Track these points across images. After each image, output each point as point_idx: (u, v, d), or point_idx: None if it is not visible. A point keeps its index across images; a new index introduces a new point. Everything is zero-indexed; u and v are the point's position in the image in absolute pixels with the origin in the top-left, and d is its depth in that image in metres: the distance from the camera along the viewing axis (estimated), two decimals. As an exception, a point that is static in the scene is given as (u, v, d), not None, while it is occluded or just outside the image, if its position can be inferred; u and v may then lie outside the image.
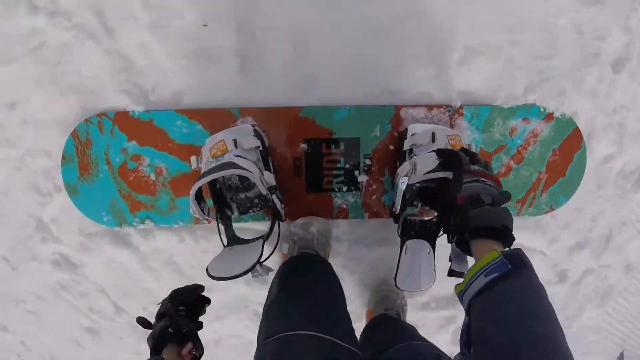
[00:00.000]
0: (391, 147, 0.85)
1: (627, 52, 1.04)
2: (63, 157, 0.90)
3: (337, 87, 0.87)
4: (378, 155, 0.88)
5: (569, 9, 0.95)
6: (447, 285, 1.13)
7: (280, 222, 0.79)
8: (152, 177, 0.91)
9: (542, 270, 1.20)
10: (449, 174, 0.65)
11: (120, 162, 0.90)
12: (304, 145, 0.85)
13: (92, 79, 0.88)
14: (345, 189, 0.90)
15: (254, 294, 1.14)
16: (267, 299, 0.70)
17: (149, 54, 0.86)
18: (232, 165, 0.67)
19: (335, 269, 0.85)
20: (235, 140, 0.74)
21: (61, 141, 0.93)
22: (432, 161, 0.66)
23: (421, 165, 0.67)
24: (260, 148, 0.77)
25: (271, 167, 0.82)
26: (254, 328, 1.14)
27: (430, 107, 0.86)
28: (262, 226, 0.97)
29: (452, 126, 0.86)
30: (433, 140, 0.73)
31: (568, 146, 0.98)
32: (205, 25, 0.82)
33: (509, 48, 0.93)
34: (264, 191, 0.71)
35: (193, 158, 0.80)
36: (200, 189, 0.71)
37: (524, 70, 0.94)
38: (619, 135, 1.10)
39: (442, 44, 0.87)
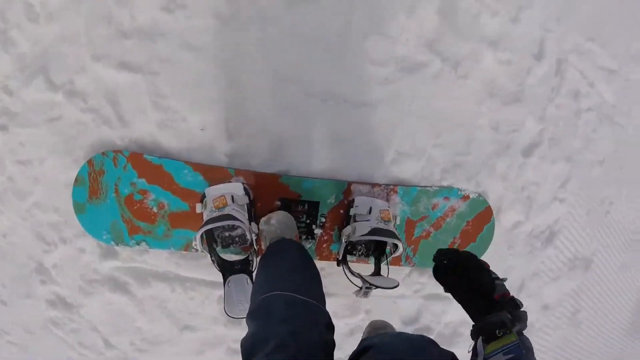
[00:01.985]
0: (341, 211, 1.26)
1: (539, 138, 1.41)
2: (76, 180, 1.17)
3: (307, 161, 1.25)
4: (331, 216, 1.28)
5: (491, 109, 1.32)
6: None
7: (257, 257, 1.14)
8: (155, 209, 1.21)
9: (461, 313, 1.45)
10: (378, 238, 1.04)
11: (127, 193, 1.18)
12: (278, 202, 1.24)
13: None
14: (304, 237, 1.29)
15: (230, 333, 1.45)
16: (254, 280, 0.99)
17: (159, 142, 1.19)
18: (232, 217, 1.02)
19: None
20: (232, 197, 1.10)
21: (69, 203, 1.20)
22: (366, 228, 1.06)
23: (358, 230, 1.08)
24: (248, 203, 1.14)
25: (253, 217, 1.18)
26: None
27: (373, 185, 1.26)
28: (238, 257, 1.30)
29: (388, 200, 1.25)
30: (369, 212, 1.14)
31: (480, 219, 1.37)
32: (203, 130, 1.18)
33: (432, 149, 1.30)
34: (249, 237, 1.06)
35: (198, 205, 1.13)
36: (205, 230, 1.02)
37: (442, 164, 1.32)
38: (527, 206, 1.48)
39: (380, 149, 1.27)
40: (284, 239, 1.08)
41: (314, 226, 1.28)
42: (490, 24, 1.27)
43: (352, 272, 1.14)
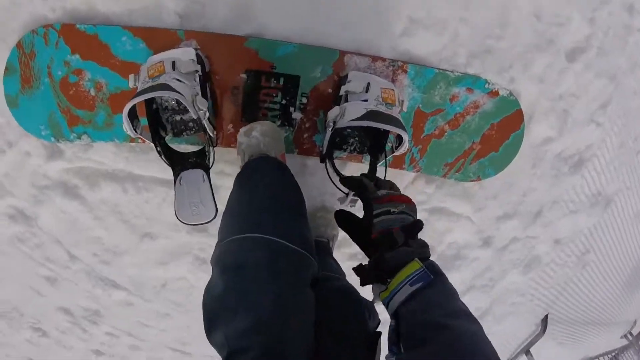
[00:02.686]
0: (329, 90, 0.94)
1: (587, 44, 1.17)
2: (6, 69, 0.94)
3: (286, 22, 0.93)
4: (315, 96, 0.98)
5: None
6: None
7: (213, 147, 0.89)
8: (92, 92, 0.97)
9: (468, 234, 1.40)
10: (374, 124, 0.76)
11: (62, 76, 0.95)
12: (243, 76, 0.93)
13: None
14: (279, 123, 1.00)
15: (194, 241, 1.30)
16: (226, 204, 0.79)
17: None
18: (165, 87, 0.75)
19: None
20: (173, 63, 0.82)
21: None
22: (360, 110, 0.76)
23: (349, 113, 0.78)
24: (200, 73, 0.85)
25: (208, 93, 0.89)
26: (195, 271, 1.38)
27: (375, 59, 0.94)
28: (194, 148, 1.07)
29: (393, 81, 0.95)
30: (367, 90, 0.83)
31: (507, 124, 1.11)
32: None
33: (457, 24, 1.01)
34: (195, 115, 0.79)
35: (131, 76, 0.86)
36: (134, 107, 0.78)
37: (468, 46, 1.04)
38: (561, 120, 1.25)
39: (388, 9, 0.94)
40: (267, 157, 0.86)
41: (292, 108, 0.99)
42: None
43: (337, 173, 0.88)
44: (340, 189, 0.87)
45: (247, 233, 0.67)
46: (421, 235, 0.80)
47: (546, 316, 1.97)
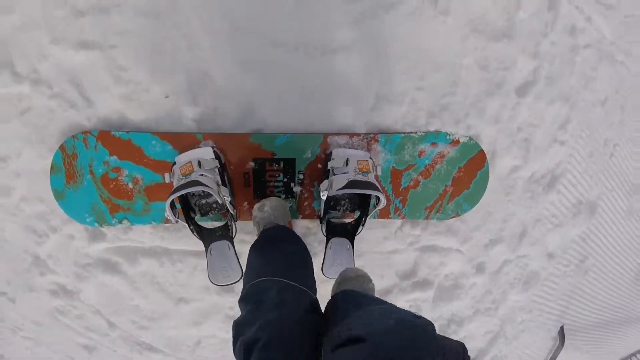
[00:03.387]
0: (319, 166, 1.19)
1: (534, 76, 1.31)
2: (52, 168, 1.17)
3: (280, 117, 1.19)
4: (309, 172, 1.22)
5: (476, 47, 1.23)
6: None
7: (235, 221, 1.13)
8: (130, 185, 1.20)
9: (460, 264, 1.52)
10: (355, 191, 0.99)
11: (102, 173, 1.18)
12: (252, 163, 1.19)
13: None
14: (284, 196, 1.24)
15: (224, 301, 1.48)
16: (246, 263, 1.04)
17: (126, 116, 1.16)
18: (197, 183, 0.98)
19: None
20: (199, 162, 1.07)
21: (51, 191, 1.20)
22: (343, 181, 1.00)
23: (335, 184, 1.01)
24: (218, 166, 1.10)
25: (226, 180, 1.14)
26: (226, 328, 1.52)
27: (351, 135, 1.19)
28: (219, 224, 1.30)
29: (369, 150, 1.18)
30: (346, 164, 1.07)
31: (472, 165, 1.29)
32: (167, 97, 1.14)
33: (415, 93, 1.22)
34: (220, 200, 1.03)
35: (166, 174, 1.11)
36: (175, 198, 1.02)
37: (427, 108, 1.25)
38: (524, 149, 1.40)
39: (358, 95, 1.19)
40: (277, 226, 1.11)
41: (292, 184, 1.23)
42: None
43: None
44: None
45: (263, 277, 0.91)
46: (417, 272, 0.99)
47: (561, 327, 2.00)
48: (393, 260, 1.46)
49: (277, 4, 1.10)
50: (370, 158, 1.13)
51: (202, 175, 1.03)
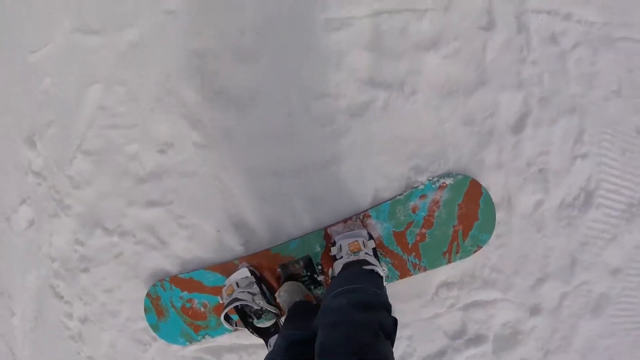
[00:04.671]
0: (330, 254, 1.35)
1: (525, 107, 1.28)
2: (145, 309, 1.61)
3: (297, 226, 1.45)
4: (326, 261, 1.42)
5: (455, 108, 1.29)
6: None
7: (279, 317, 1.38)
8: (202, 309, 1.56)
9: (512, 312, 1.44)
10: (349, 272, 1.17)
11: (180, 305, 1.57)
12: (279, 270, 1.45)
13: (161, 272, 1.61)
14: (313, 287, 1.46)
15: None
16: None
17: (193, 251, 1.57)
18: (236, 299, 1.27)
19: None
20: (237, 283, 1.38)
21: None
22: (339, 266, 1.19)
23: (336, 269, 1.21)
24: (255, 280, 1.40)
25: (264, 288, 1.41)
26: None
27: (345, 220, 1.35)
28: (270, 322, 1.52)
29: (365, 226, 1.34)
30: (340, 250, 1.26)
31: (471, 197, 1.29)
32: (218, 231, 1.52)
33: (409, 172, 1.36)
34: (256, 307, 1.30)
35: (219, 297, 1.42)
36: (227, 314, 1.29)
37: (424, 180, 1.34)
38: (542, 181, 1.33)
39: (358, 195, 1.39)
40: (296, 303, 1.34)
41: (315, 275, 1.46)
42: (420, 28, 1.28)
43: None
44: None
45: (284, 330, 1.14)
46: (467, 329, 1.24)
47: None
48: (438, 323, 1.48)
49: (277, 147, 1.43)
50: (359, 237, 1.29)
51: (240, 292, 1.34)
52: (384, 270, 1.24)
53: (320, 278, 1.46)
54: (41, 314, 1.92)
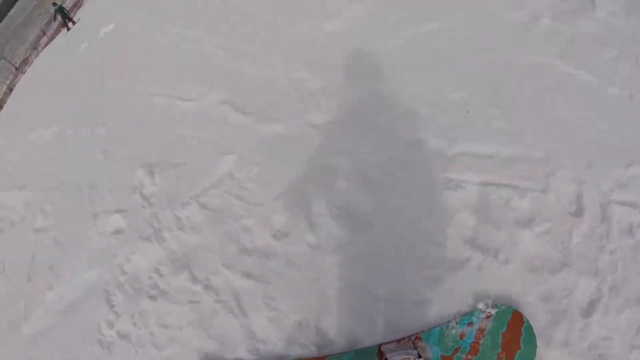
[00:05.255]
0: None
1: (598, 293, 1.37)
2: None
3: (347, 336, 1.53)
4: None
5: (539, 283, 1.39)
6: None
7: None
8: None
9: None
10: None
11: None
12: None
13: (229, 336, 1.63)
14: None
15: None
16: None
17: (269, 333, 1.60)
18: None
19: None
20: None
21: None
22: None
23: None
24: None
25: None
26: None
27: (398, 340, 1.43)
28: None
29: (415, 347, 1.39)
30: None
31: (514, 326, 1.37)
32: (300, 324, 1.57)
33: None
34: None
35: None
36: None
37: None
38: None
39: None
40: None
41: None
42: (521, 205, 1.46)
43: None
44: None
45: None
46: None
47: None
48: None
49: (380, 269, 1.54)
50: (410, 355, 1.35)
51: None
52: None
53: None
54: (78, 307, 1.92)
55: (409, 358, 1.37)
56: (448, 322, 1.44)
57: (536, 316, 1.37)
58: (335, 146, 1.73)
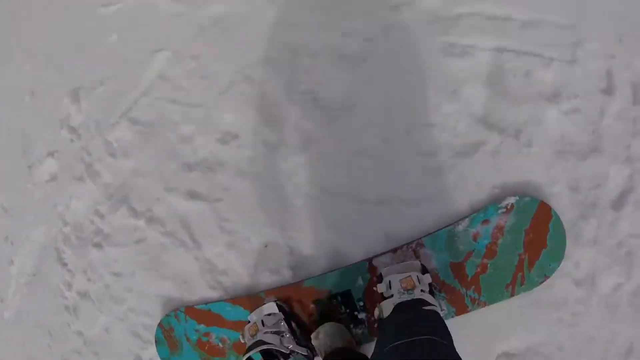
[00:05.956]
0: (375, 288, 1.14)
1: (630, 183, 1.20)
2: (156, 341, 1.43)
3: (324, 257, 1.30)
4: (369, 296, 1.23)
5: (566, 169, 1.20)
6: None
7: (313, 358, 1.21)
8: (220, 345, 1.38)
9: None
10: (401, 316, 0.97)
11: (196, 338, 1.39)
12: (312, 305, 1.27)
13: (185, 273, 1.44)
14: (352, 326, 1.27)
15: None
16: None
17: (230, 262, 1.38)
18: (261, 342, 1.10)
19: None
20: (262, 321, 1.20)
21: (159, 308, 1.48)
22: (390, 307, 0.99)
23: (384, 311, 1.00)
24: (283, 317, 1.21)
25: (294, 327, 1.22)
26: None
27: (394, 250, 1.17)
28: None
29: (417, 257, 1.16)
30: (390, 287, 1.05)
31: (539, 221, 1.15)
32: (266, 246, 1.35)
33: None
34: (285, 351, 1.11)
35: (240, 336, 1.22)
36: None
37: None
38: (627, 265, 1.23)
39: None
40: (336, 349, 1.16)
41: (355, 312, 1.27)
42: (545, 77, 1.22)
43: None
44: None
45: None
46: None
47: None
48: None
49: (363, 167, 1.29)
50: (412, 272, 1.09)
51: (265, 333, 1.16)
52: (442, 310, 1.10)
53: (362, 316, 1.28)
54: (40, 272, 1.82)
55: (409, 276, 1.07)
56: (457, 221, 1.16)
57: (563, 209, 1.19)
58: (294, 19, 1.38)
